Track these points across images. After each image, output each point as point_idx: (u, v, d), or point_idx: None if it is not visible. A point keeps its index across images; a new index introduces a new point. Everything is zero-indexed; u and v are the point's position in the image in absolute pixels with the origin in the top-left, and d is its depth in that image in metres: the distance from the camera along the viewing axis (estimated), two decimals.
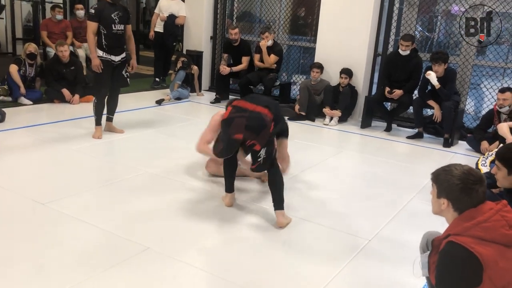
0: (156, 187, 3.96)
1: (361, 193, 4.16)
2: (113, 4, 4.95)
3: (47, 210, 3.32)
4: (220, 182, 4.07)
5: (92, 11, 4.94)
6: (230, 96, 7.93)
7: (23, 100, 6.41)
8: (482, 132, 5.70)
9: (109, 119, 5.38)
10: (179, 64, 7.65)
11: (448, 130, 5.90)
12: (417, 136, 6.20)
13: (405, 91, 6.24)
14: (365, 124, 6.65)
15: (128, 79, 5.35)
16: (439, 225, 2.31)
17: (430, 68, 5.92)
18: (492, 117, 5.60)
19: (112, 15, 4.91)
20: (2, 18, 10.34)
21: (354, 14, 6.73)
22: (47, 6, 10.65)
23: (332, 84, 6.88)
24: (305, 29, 8.77)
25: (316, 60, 7.09)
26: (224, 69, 7.46)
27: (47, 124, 5.61)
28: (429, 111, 6.35)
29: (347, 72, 6.70)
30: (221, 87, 7.83)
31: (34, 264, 2.66)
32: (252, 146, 3.31)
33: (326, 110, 6.68)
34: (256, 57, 7.35)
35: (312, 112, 6.78)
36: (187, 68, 7.68)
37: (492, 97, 6.23)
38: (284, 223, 3.36)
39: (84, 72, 7.33)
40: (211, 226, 3.30)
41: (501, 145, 4.04)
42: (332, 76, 6.97)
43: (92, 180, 3.93)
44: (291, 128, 6.23)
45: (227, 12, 8.56)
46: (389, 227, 3.49)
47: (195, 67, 7.93)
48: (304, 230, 3.36)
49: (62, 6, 10.04)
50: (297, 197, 3.91)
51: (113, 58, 5.03)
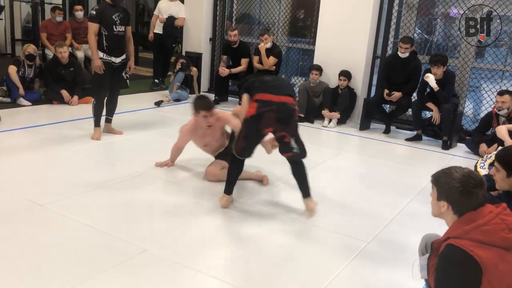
0: (155, 189, 3.96)
1: (360, 195, 4.16)
2: (114, 6, 4.95)
3: (45, 211, 3.32)
4: (220, 184, 4.08)
5: (93, 13, 4.92)
6: (230, 98, 7.95)
7: (22, 101, 6.40)
8: (481, 135, 5.71)
9: (108, 121, 5.38)
10: (178, 66, 7.65)
11: (447, 133, 5.91)
12: (416, 138, 6.20)
13: (404, 94, 6.25)
14: (364, 126, 6.65)
15: (128, 81, 5.35)
16: (438, 227, 2.31)
17: (429, 71, 5.93)
18: (491, 120, 5.61)
19: (113, 17, 4.90)
20: (1, 19, 10.31)
21: (353, 17, 6.74)
22: (47, 7, 10.65)
23: (331, 86, 6.89)
24: (304, 31, 8.78)
25: (315, 62, 7.10)
26: (223, 71, 7.46)
27: (46, 125, 5.60)
28: (428, 114, 6.36)
29: (346, 74, 6.71)
30: (220, 89, 7.84)
31: (32, 265, 2.65)
32: (283, 138, 3.44)
33: (325, 112, 6.68)
34: (255, 59, 7.35)
35: (311, 114, 6.79)
36: (186, 70, 7.68)
37: (491, 100, 6.23)
38: (315, 208, 3.59)
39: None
40: (210, 228, 3.30)
41: (501, 147, 4.04)
42: (331, 78, 6.98)
43: (91, 182, 3.93)
44: None
45: (227, 14, 8.56)
46: (388, 229, 3.49)
47: (194, 69, 7.93)
48: (303, 232, 3.36)
49: (62, 8, 10.05)
50: (296, 199, 3.90)
51: (114, 60, 5.03)
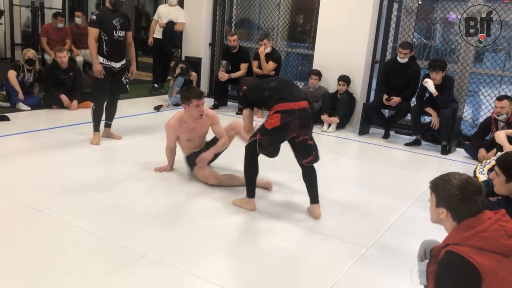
0: (154, 194, 3.96)
1: (359, 200, 4.16)
2: (114, 11, 4.96)
3: (44, 217, 3.31)
4: (219, 188, 4.08)
5: (94, 17, 4.94)
6: (229, 103, 7.95)
7: (21, 106, 6.40)
8: (480, 140, 5.71)
9: (108, 125, 5.38)
10: (178, 71, 7.66)
11: (446, 138, 5.92)
12: (415, 143, 6.21)
13: (403, 98, 6.26)
14: (363, 131, 6.66)
15: (128, 86, 5.36)
16: (437, 233, 2.31)
17: (428, 76, 5.94)
18: (490, 125, 5.62)
19: (114, 22, 4.92)
20: (1, 24, 10.32)
21: (353, 21, 6.76)
22: (46, 12, 10.67)
23: (330, 91, 6.90)
24: (304, 36, 8.80)
25: (314, 67, 7.12)
26: (223, 76, 7.47)
27: (45, 130, 5.60)
28: (427, 118, 6.37)
29: (345, 79, 6.72)
30: (220, 94, 7.85)
31: (31, 270, 2.65)
32: (306, 141, 3.59)
33: (324, 117, 6.69)
34: (255, 64, 7.37)
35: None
36: (186, 75, 7.69)
37: (490, 105, 6.25)
38: (321, 214, 3.68)
39: None
40: (210, 233, 3.29)
41: (500, 153, 4.05)
42: (330, 83, 6.99)
43: (90, 186, 3.92)
44: None
45: (226, 19, 8.59)
46: (387, 235, 3.48)
47: (194, 74, 7.94)
48: (302, 237, 3.36)
49: (62, 12, 10.07)
50: (295, 204, 3.91)
51: (114, 65, 5.03)
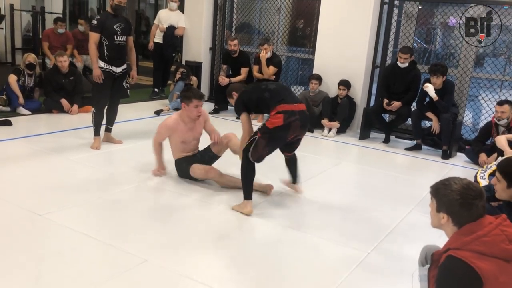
0: (155, 199, 3.95)
1: (360, 205, 4.15)
2: (116, 16, 4.97)
3: (45, 221, 3.31)
4: (219, 194, 4.08)
5: (95, 22, 4.94)
6: (229, 107, 7.95)
7: (22, 110, 6.41)
8: (480, 144, 5.71)
9: (108, 130, 5.38)
10: (178, 75, 7.67)
11: (447, 142, 5.92)
12: (416, 148, 6.20)
13: (404, 103, 6.26)
14: (364, 136, 6.66)
15: (128, 90, 5.36)
16: (438, 238, 2.31)
17: (429, 80, 5.94)
18: (490, 130, 5.62)
19: (115, 26, 4.92)
20: (2, 28, 10.36)
21: (353, 26, 6.78)
22: (47, 16, 10.70)
23: (331, 96, 6.91)
24: (304, 41, 8.82)
25: (315, 72, 7.13)
26: (223, 80, 7.48)
27: (46, 134, 5.61)
28: (428, 123, 6.37)
29: (345, 84, 6.73)
30: (220, 98, 7.83)
31: (31, 275, 2.64)
32: (299, 140, 3.89)
33: (325, 122, 6.69)
34: (255, 68, 7.38)
35: (311, 123, 6.78)
36: (186, 79, 7.70)
37: (490, 109, 6.25)
38: (303, 190, 4.15)
39: None
40: (210, 238, 3.29)
41: (502, 158, 4.04)
42: (331, 88, 7.00)
43: (91, 191, 3.92)
44: None
45: (226, 23, 8.61)
46: (388, 239, 3.48)
47: (194, 78, 7.94)
48: (303, 243, 3.34)
49: (63, 17, 10.10)
50: (295, 209, 3.90)
51: (114, 69, 5.04)
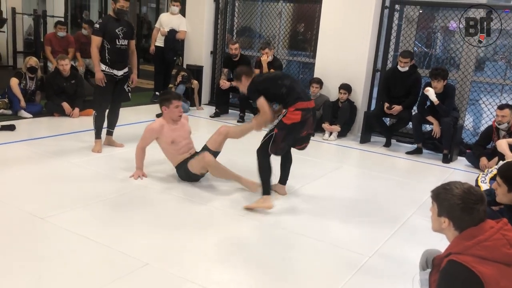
0: (156, 202, 3.95)
1: (361, 209, 4.15)
2: (118, 20, 4.99)
3: (46, 224, 3.31)
4: (221, 198, 4.08)
5: (97, 26, 4.96)
6: (230, 111, 7.97)
7: (23, 113, 6.42)
8: (481, 148, 5.71)
9: (109, 133, 5.39)
10: (179, 79, 7.69)
11: (447, 146, 5.92)
12: (416, 152, 6.21)
13: (404, 107, 6.27)
14: (364, 139, 6.66)
15: (129, 94, 5.37)
16: (439, 242, 2.31)
17: (429, 84, 5.95)
18: (491, 134, 5.62)
19: (116, 30, 4.94)
20: (4, 32, 10.39)
21: (354, 30, 6.79)
22: (49, 20, 10.73)
23: (332, 99, 6.91)
24: (305, 45, 8.84)
25: (315, 76, 7.14)
26: (224, 84, 7.49)
27: (47, 138, 5.61)
28: (428, 127, 6.37)
29: (346, 88, 6.73)
30: (221, 102, 7.87)
31: (33, 278, 2.64)
32: (311, 134, 4.10)
33: (326, 126, 6.69)
34: (256, 72, 7.37)
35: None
36: (187, 83, 7.71)
37: (491, 113, 6.25)
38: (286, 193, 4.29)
39: None
40: (211, 241, 3.28)
41: (503, 162, 4.04)
42: (332, 91, 7.01)
43: (91, 194, 3.92)
44: None
45: (227, 27, 8.63)
46: (389, 244, 3.47)
47: (195, 82, 7.96)
48: (304, 246, 3.34)
49: (64, 21, 10.13)
50: (296, 213, 3.90)
51: (116, 73, 5.05)
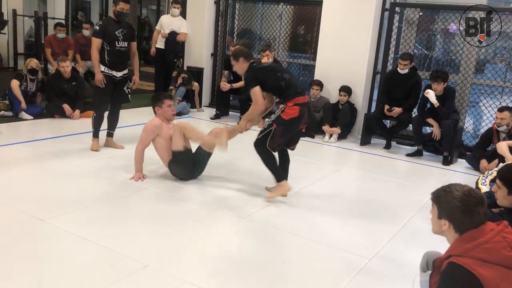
0: (156, 204, 3.96)
1: (361, 211, 4.15)
2: (118, 22, 5.01)
3: (47, 226, 3.31)
4: (221, 200, 4.08)
5: (97, 28, 5.01)
6: (230, 113, 7.98)
7: (24, 115, 6.43)
8: (481, 151, 5.71)
9: (110, 135, 5.40)
10: (180, 80, 7.70)
11: (448, 148, 5.92)
12: (417, 154, 6.21)
13: (405, 109, 6.27)
14: (365, 141, 6.66)
15: (129, 95, 5.39)
16: (439, 244, 2.31)
17: (429, 87, 5.96)
18: (491, 136, 5.62)
19: (116, 32, 4.97)
20: (5, 33, 10.40)
21: (354, 32, 6.80)
22: (49, 22, 10.75)
23: (332, 102, 6.92)
24: (305, 47, 8.85)
25: (316, 78, 7.15)
26: (225, 86, 7.50)
27: (47, 139, 5.61)
28: (429, 129, 6.37)
29: (346, 90, 6.74)
30: (221, 103, 7.88)
31: (33, 280, 2.64)
32: (302, 129, 4.17)
33: (326, 128, 6.70)
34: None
35: (312, 129, 6.79)
36: (188, 85, 7.72)
37: (491, 116, 6.26)
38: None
39: None
40: (212, 244, 3.29)
41: (502, 164, 4.04)
42: (332, 93, 7.02)
43: (92, 196, 3.92)
44: None
45: (228, 29, 8.64)
46: (390, 246, 3.47)
47: (196, 84, 7.97)
48: (304, 248, 3.34)
49: (65, 23, 10.14)
50: (297, 215, 3.90)
51: (115, 74, 5.07)
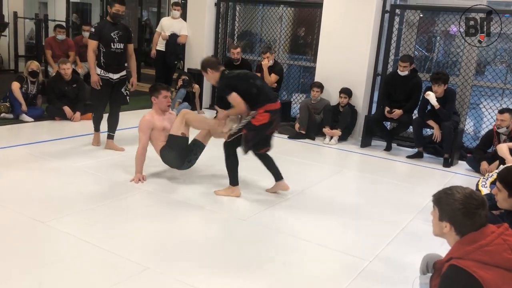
0: (156, 206, 3.95)
1: (361, 213, 4.15)
2: (114, 24, 5.04)
3: (47, 229, 3.31)
4: (221, 202, 4.08)
5: (93, 30, 5.08)
6: None
7: (24, 117, 6.43)
8: (482, 153, 5.71)
9: (110, 137, 5.40)
10: (180, 83, 7.70)
11: (448, 150, 5.92)
12: (417, 156, 6.20)
13: (405, 111, 6.27)
14: (365, 143, 6.66)
15: (128, 97, 5.40)
16: (440, 246, 2.31)
17: (430, 88, 5.96)
18: (492, 138, 5.62)
19: (112, 34, 5.01)
20: (5, 36, 10.42)
21: (354, 34, 6.80)
22: (50, 24, 10.76)
23: (332, 103, 6.92)
24: (305, 49, 8.85)
25: (316, 80, 7.15)
26: None
27: (48, 142, 5.62)
28: (429, 131, 6.38)
29: (347, 92, 6.74)
30: (222, 106, 7.85)
31: (34, 282, 2.64)
32: (272, 134, 4.26)
33: (326, 130, 6.69)
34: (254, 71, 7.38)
35: (312, 131, 6.80)
36: (188, 87, 7.72)
37: (492, 117, 6.26)
38: (289, 187, 4.32)
39: None
40: (212, 246, 3.28)
41: (503, 166, 4.04)
42: (332, 95, 7.02)
43: (92, 198, 3.93)
44: (291, 147, 6.21)
45: (228, 32, 8.64)
46: (390, 248, 3.47)
47: (196, 86, 7.97)
48: (304, 251, 3.34)
49: (65, 25, 10.15)
50: (297, 217, 3.90)
51: (111, 76, 5.12)
